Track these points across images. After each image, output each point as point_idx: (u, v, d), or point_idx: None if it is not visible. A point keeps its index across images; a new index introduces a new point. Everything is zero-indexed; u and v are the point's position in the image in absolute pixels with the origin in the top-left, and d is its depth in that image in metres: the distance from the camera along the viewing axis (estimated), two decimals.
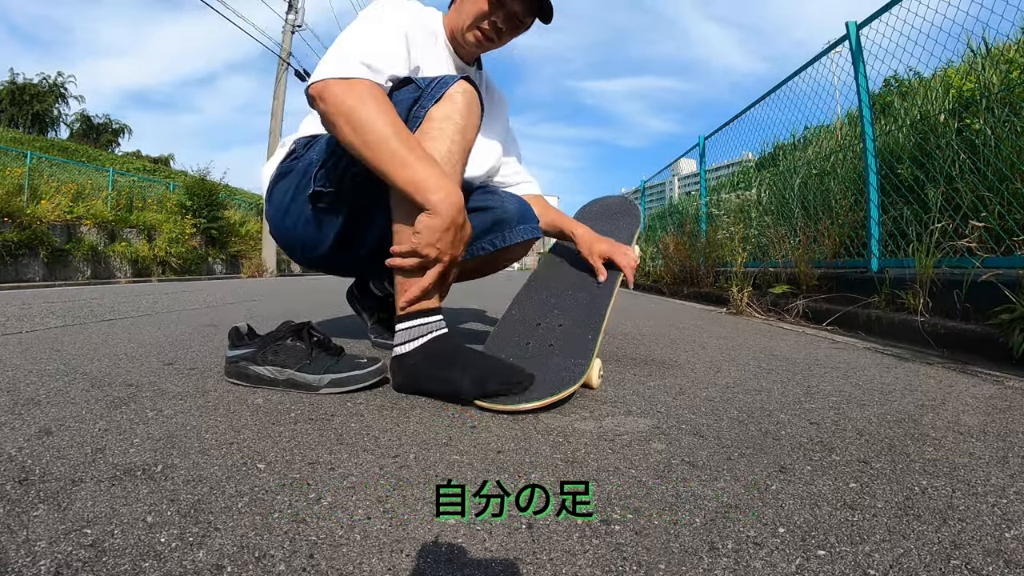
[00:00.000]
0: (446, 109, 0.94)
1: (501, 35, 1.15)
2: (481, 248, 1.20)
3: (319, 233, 1.14)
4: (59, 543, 0.44)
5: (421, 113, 0.94)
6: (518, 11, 1.12)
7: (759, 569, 0.43)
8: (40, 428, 0.73)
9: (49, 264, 7.74)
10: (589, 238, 1.26)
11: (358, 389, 0.97)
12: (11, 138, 18.83)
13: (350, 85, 0.88)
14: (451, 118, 0.94)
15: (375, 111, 0.86)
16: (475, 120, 0.98)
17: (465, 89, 0.96)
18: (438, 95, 0.94)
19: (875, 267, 2.60)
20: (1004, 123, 2.20)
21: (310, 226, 1.13)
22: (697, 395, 1.01)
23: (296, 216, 1.14)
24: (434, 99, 0.94)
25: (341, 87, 0.88)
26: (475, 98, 0.97)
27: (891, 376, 1.24)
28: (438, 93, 0.94)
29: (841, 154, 3.40)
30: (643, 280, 5.82)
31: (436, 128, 0.93)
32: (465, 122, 0.95)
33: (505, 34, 1.15)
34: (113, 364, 1.18)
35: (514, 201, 1.20)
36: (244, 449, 0.67)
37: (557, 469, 0.63)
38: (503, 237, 1.19)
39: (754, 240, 3.75)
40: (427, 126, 0.94)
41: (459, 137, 0.94)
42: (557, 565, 0.43)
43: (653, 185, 8.63)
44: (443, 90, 0.94)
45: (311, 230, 1.14)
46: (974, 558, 0.45)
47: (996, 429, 0.82)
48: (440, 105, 0.94)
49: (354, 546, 0.45)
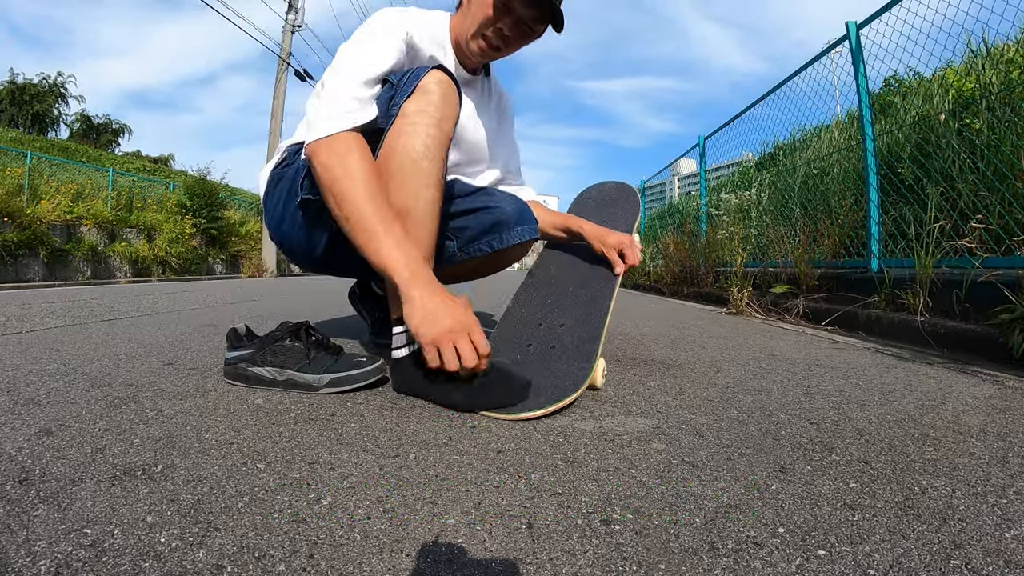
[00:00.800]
0: (419, 103, 0.92)
1: (508, 43, 1.11)
2: (479, 249, 1.19)
3: (312, 239, 1.13)
4: (59, 543, 0.44)
5: (394, 111, 0.93)
6: (527, 17, 1.07)
7: (759, 569, 0.43)
8: (40, 428, 0.73)
9: (49, 264, 7.74)
10: (599, 233, 1.25)
11: (358, 388, 0.97)
12: (11, 138, 18.80)
13: (331, 148, 0.89)
14: (425, 111, 0.92)
15: (352, 183, 0.86)
16: (452, 111, 0.96)
17: (440, 79, 0.94)
18: (410, 89, 0.93)
19: (875, 267, 2.60)
20: (1004, 123, 2.20)
21: (303, 232, 1.13)
22: (697, 395, 1.01)
23: (291, 223, 1.13)
24: (406, 94, 0.93)
25: (324, 153, 0.89)
26: (451, 87, 0.95)
27: (891, 376, 1.24)
28: (410, 87, 0.93)
29: (841, 154, 3.40)
30: (643, 280, 5.82)
31: (409, 124, 0.92)
32: (441, 113, 0.93)
33: (513, 42, 1.11)
34: (113, 364, 1.18)
35: (512, 202, 1.19)
36: (244, 449, 0.67)
37: (557, 469, 0.63)
38: (501, 239, 1.18)
39: (754, 240, 3.75)
40: (400, 123, 0.92)
41: (435, 131, 0.92)
42: (557, 565, 0.43)
43: (653, 185, 8.63)
44: (415, 83, 0.93)
45: (304, 236, 1.14)
46: (974, 558, 0.45)
47: (996, 429, 0.82)
48: (413, 99, 0.92)
49: (354, 546, 0.45)
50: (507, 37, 1.09)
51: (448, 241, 1.19)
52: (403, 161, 0.92)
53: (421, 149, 0.91)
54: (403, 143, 0.91)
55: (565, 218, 1.34)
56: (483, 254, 1.20)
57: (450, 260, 1.21)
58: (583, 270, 1.26)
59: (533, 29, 1.10)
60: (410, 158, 0.92)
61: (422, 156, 0.91)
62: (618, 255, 1.21)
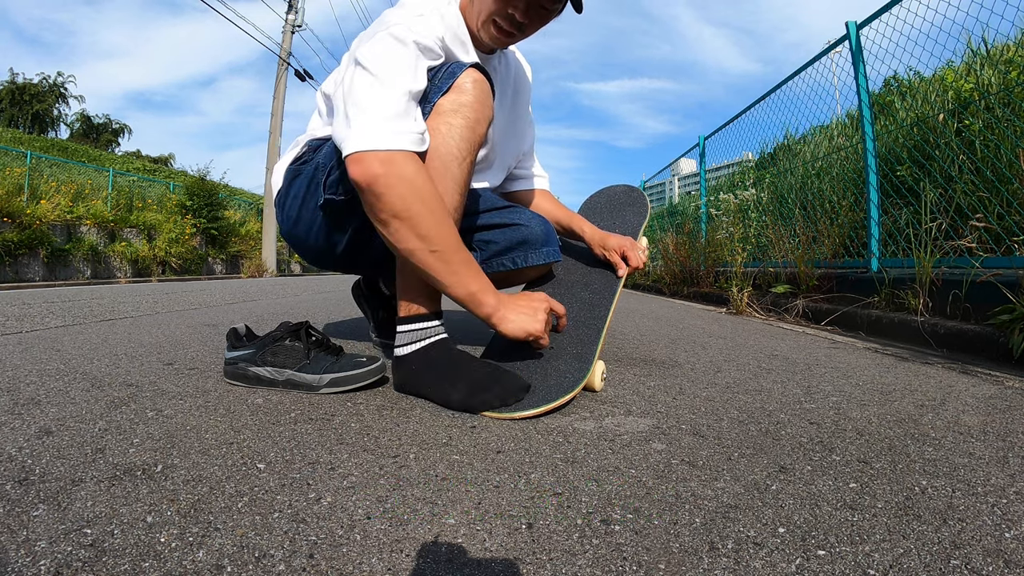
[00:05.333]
0: (455, 102, 0.89)
1: (524, 29, 1.01)
2: (502, 264, 1.19)
3: (331, 239, 1.10)
4: (59, 543, 0.44)
5: (427, 108, 0.89)
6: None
7: (759, 569, 0.43)
8: (40, 428, 0.73)
9: (49, 264, 7.74)
10: (599, 236, 1.25)
11: (358, 388, 0.97)
12: (11, 138, 18.81)
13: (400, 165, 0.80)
14: (460, 112, 0.89)
15: (430, 212, 0.82)
16: (487, 112, 0.92)
17: (476, 79, 0.90)
18: (446, 87, 0.89)
19: (875, 267, 2.60)
20: (1004, 123, 2.20)
21: (321, 234, 1.09)
22: (697, 395, 1.01)
23: (307, 223, 1.10)
24: (442, 91, 0.89)
25: (389, 170, 0.80)
26: (486, 87, 0.92)
27: (891, 376, 1.24)
28: (445, 85, 0.89)
29: (841, 154, 3.40)
30: (643, 280, 5.82)
31: (444, 124, 0.88)
32: (476, 115, 0.90)
33: (529, 27, 1.01)
34: (113, 364, 1.18)
35: (540, 222, 1.19)
36: (244, 449, 0.67)
37: (557, 469, 0.63)
38: (526, 257, 1.18)
39: (754, 240, 3.75)
40: (434, 121, 0.88)
41: (469, 133, 0.89)
42: (557, 565, 0.43)
43: (653, 185, 8.63)
44: (451, 81, 0.89)
45: (323, 236, 1.10)
46: (974, 558, 0.45)
47: (996, 429, 0.82)
48: (448, 97, 0.89)
49: (354, 546, 0.45)
50: (521, 23, 0.99)
51: (472, 252, 1.18)
52: (434, 163, 0.88)
53: (455, 152, 0.88)
54: (436, 144, 0.87)
55: (569, 217, 1.34)
56: (506, 270, 1.20)
57: None
58: (587, 271, 1.27)
59: (549, 9, 1.00)
60: (442, 161, 0.88)
61: (454, 159, 0.88)
62: (620, 258, 1.21)
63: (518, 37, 1.03)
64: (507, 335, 0.92)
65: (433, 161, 0.88)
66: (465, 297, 0.89)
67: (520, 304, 0.93)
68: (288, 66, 11.35)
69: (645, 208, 1.41)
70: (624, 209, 1.43)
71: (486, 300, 0.90)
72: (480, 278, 0.90)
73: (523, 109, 1.30)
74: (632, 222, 1.37)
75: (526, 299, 0.94)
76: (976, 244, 1.95)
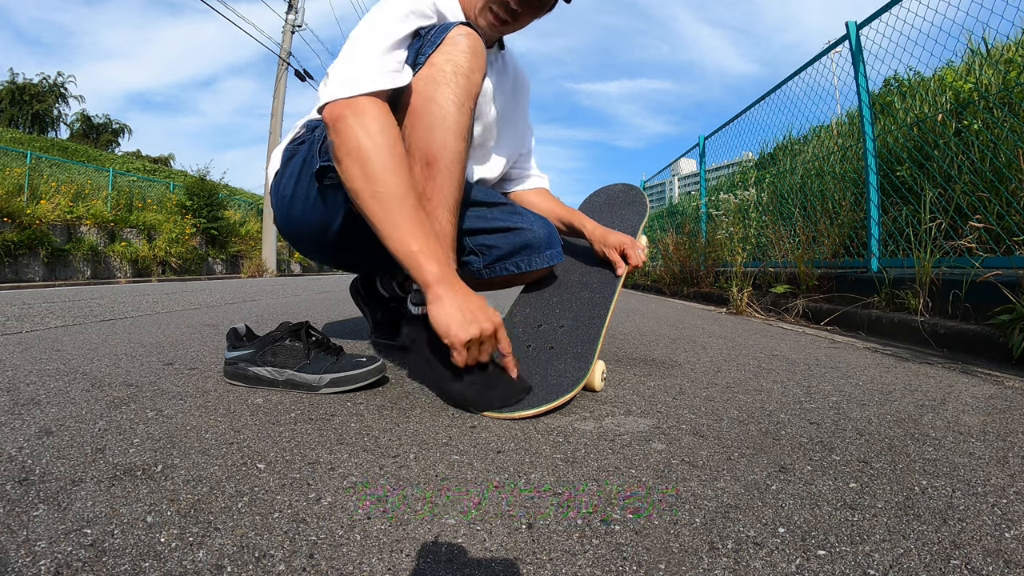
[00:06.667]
0: (448, 54, 0.90)
1: (517, 17, 1.06)
2: (505, 269, 1.19)
3: (327, 215, 1.07)
4: (59, 543, 0.44)
5: (422, 60, 0.91)
6: None
7: (759, 569, 0.43)
8: (40, 428, 0.73)
9: (49, 264, 7.73)
10: (600, 232, 1.25)
11: (358, 388, 0.97)
12: (11, 138, 18.81)
13: (362, 110, 0.83)
14: (453, 60, 0.90)
15: (379, 153, 0.81)
16: (481, 62, 0.93)
17: (468, 32, 0.92)
18: (439, 40, 0.91)
19: (875, 267, 2.60)
20: (1003, 122, 2.20)
21: (317, 208, 1.07)
22: (697, 395, 1.01)
23: (303, 201, 1.08)
24: (435, 45, 0.91)
25: (351, 114, 0.83)
26: (479, 42, 0.93)
27: (891, 376, 1.24)
28: (438, 39, 0.91)
29: (841, 154, 3.40)
30: (643, 280, 5.82)
31: (439, 72, 0.89)
32: (470, 64, 0.91)
33: (522, 16, 1.06)
34: (113, 364, 1.18)
35: (542, 225, 1.19)
36: (244, 449, 0.67)
37: (557, 469, 0.63)
38: (529, 261, 1.18)
39: (754, 240, 3.75)
40: (429, 71, 0.89)
41: (464, 81, 0.90)
42: (557, 565, 0.43)
43: (653, 185, 8.63)
44: (443, 35, 0.91)
45: (318, 213, 1.08)
46: (974, 558, 0.45)
47: (996, 429, 0.82)
48: (441, 50, 0.90)
49: (354, 546, 0.45)
50: (515, 11, 1.04)
51: (473, 257, 1.18)
52: (432, 108, 0.89)
53: (452, 97, 0.89)
54: (433, 91, 0.88)
55: (571, 214, 1.34)
56: (510, 274, 1.20)
57: (475, 276, 1.21)
58: (586, 271, 1.27)
59: (543, 1, 1.06)
60: (439, 105, 0.88)
61: (452, 104, 0.89)
62: (620, 256, 1.21)
63: (511, 26, 1.08)
64: (431, 319, 0.82)
65: (430, 106, 0.89)
66: (404, 256, 0.82)
67: (471, 304, 0.82)
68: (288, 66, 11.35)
69: (644, 207, 1.41)
70: (623, 208, 1.44)
71: (427, 266, 0.81)
72: (428, 239, 0.82)
73: (523, 106, 1.31)
74: (631, 221, 1.37)
75: (481, 306, 0.84)
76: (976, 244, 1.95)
